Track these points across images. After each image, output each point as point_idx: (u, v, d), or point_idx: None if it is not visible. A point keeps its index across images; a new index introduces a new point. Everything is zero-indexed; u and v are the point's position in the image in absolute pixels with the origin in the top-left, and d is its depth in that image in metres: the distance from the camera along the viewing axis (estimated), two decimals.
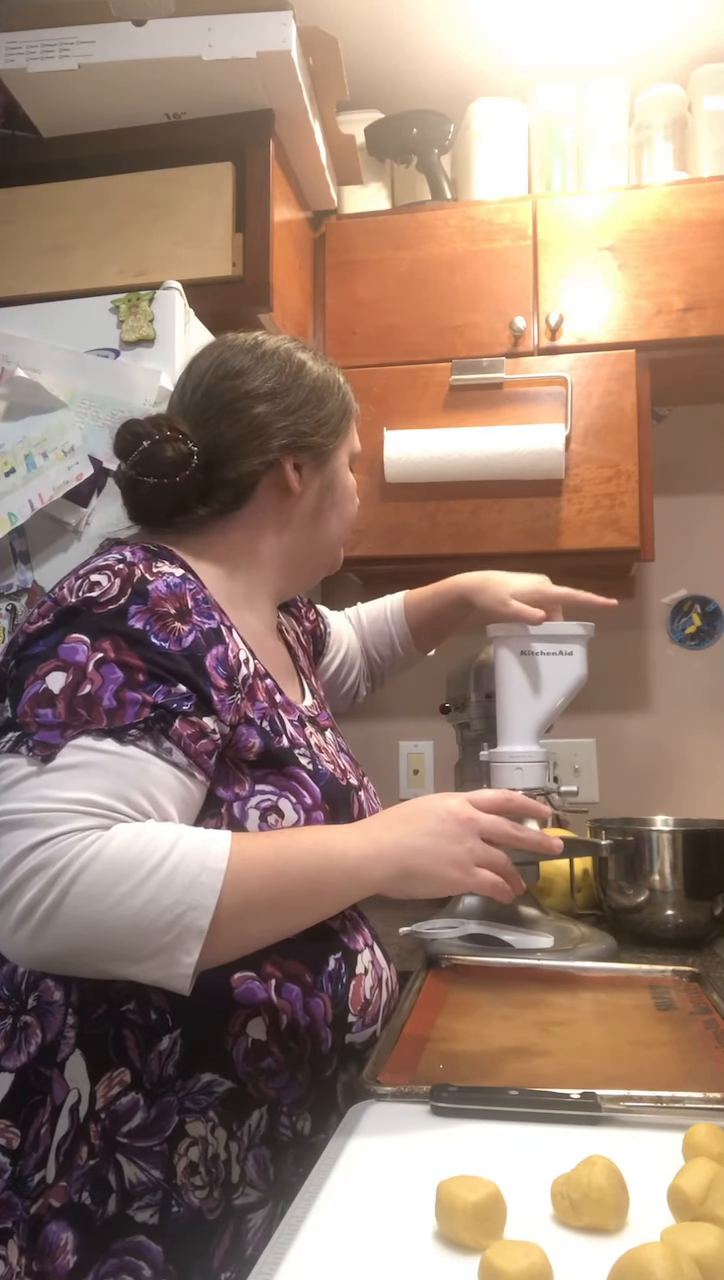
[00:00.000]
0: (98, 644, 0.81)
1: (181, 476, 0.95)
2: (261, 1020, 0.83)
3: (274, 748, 0.90)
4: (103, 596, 0.83)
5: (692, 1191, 0.57)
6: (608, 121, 1.89)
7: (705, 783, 1.98)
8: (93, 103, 1.57)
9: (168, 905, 0.73)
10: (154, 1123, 0.79)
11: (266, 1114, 0.84)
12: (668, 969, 1.13)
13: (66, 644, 0.81)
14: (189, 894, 0.73)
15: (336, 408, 1.04)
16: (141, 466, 0.96)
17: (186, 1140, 0.80)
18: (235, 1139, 0.82)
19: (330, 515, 1.06)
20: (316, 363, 1.05)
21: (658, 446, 1.82)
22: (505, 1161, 0.66)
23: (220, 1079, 0.82)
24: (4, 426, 1.44)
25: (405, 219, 1.85)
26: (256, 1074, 0.83)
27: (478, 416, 1.75)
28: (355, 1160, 0.68)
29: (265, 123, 1.59)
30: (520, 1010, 0.99)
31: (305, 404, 1.01)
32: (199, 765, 0.82)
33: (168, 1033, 0.81)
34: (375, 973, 0.94)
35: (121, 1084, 0.80)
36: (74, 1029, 0.81)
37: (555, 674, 1.28)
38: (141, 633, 0.82)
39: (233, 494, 0.99)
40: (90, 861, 0.72)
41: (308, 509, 1.03)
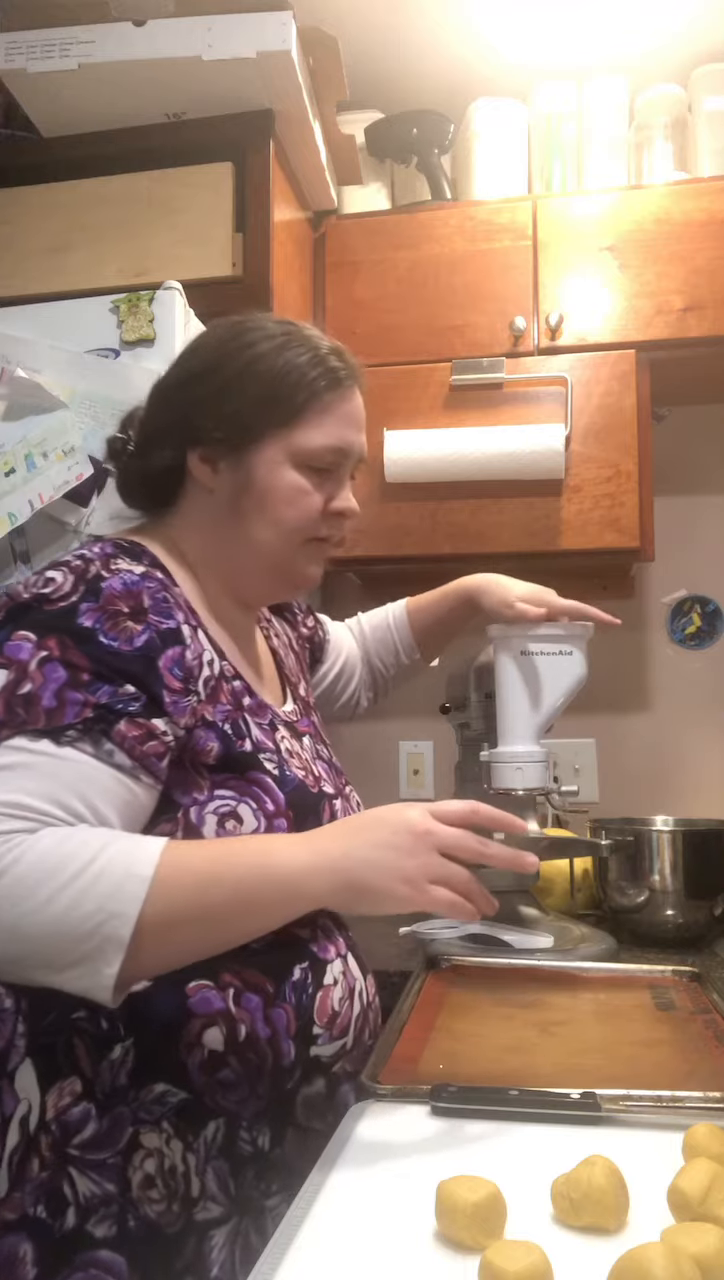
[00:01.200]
0: (43, 641, 0.78)
1: (119, 465, 1.00)
2: (219, 1030, 0.80)
3: (235, 751, 0.86)
4: (55, 593, 0.81)
5: (692, 1191, 0.57)
6: (608, 121, 1.89)
7: (705, 783, 1.98)
8: (93, 103, 1.57)
9: (89, 912, 0.69)
10: (106, 1134, 0.77)
11: (224, 1126, 0.81)
12: (668, 969, 1.13)
13: (12, 641, 0.78)
14: (111, 901, 0.69)
15: (253, 401, 0.93)
16: (109, 451, 1.02)
17: (141, 1152, 0.77)
18: (192, 1151, 0.79)
19: (252, 518, 0.95)
20: (264, 344, 0.94)
21: (658, 446, 1.82)
22: (505, 1161, 0.66)
23: (174, 1090, 0.79)
24: (4, 426, 1.44)
25: (405, 219, 1.85)
26: (213, 1085, 0.80)
27: (478, 416, 1.75)
28: (355, 1160, 0.68)
29: (265, 123, 1.58)
30: (520, 1010, 0.99)
31: (214, 396, 0.93)
32: (146, 768, 0.78)
33: (120, 1042, 0.79)
34: (346, 984, 0.89)
35: (72, 1094, 0.78)
36: (24, 1037, 0.79)
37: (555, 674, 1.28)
38: (90, 630, 0.79)
39: (158, 489, 0.98)
40: (11, 865, 0.69)
41: (226, 508, 0.95)
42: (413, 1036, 0.90)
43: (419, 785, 2.07)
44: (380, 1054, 0.85)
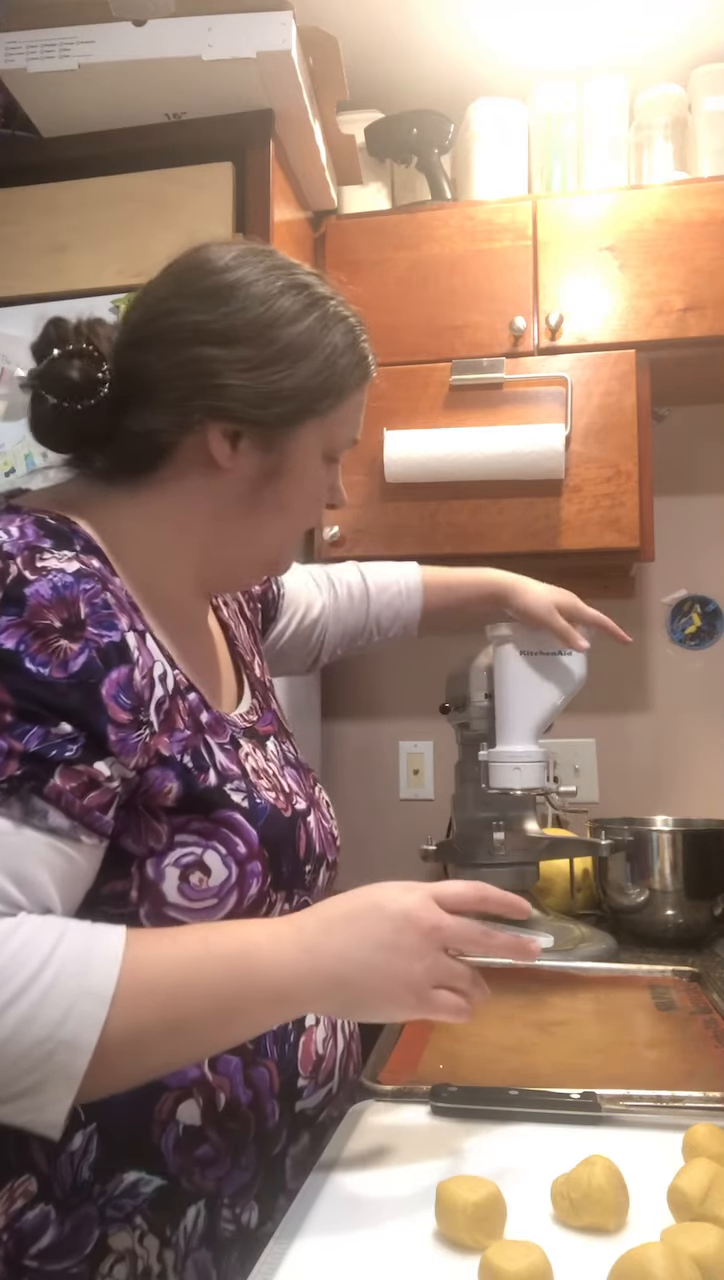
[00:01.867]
0: None
1: (85, 406, 0.75)
2: (194, 1102, 0.69)
3: (197, 789, 0.72)
4: None
5: (692, 1191, 0.57)
6: (608, 121, 1.88)
7: (705, 783, 1.98)
8: (93, 103, 1.57)
9: (35, 1042, 0.56)
10: (69, 1239, 0.65)
11: (205, 1209, 0.70)
12: (668, 969, 1.13)
13: None
14: (62, 1029, 0.56)
15: (319, 377, 0.79)
16: (44, 380, 0.76)
17: (111, 1257, 0.66)
18: (170, 1246, 0.68)
19: (272, 512, 0.82)
20: (316, 311, 0.79)
21: (658, 446, 1.82)
22: (505, 1161, 0.66)
23: (147, 1176, 0.68)
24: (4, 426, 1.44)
25: (405, 219, 1.85)
26: (191, 1165, 0.69)
27: (478, 416, 1.75)
28: (355, 1160, 0.68)
29: (265, 123, 1.58)
30: (520, 1010, 0.99)
31: (267, 364, 0.77)
32: (88, 825, 0.63)
33: (80, 1129, 0.66)
34: (327, 1021, 0.79)
35: (26, 1195, 0.66)
36: None
37: (555, 674, 1.28)
38: (12, 655, 0.62)
39: (139, 450, 0.78)
40: None
41: (238, 495, 0.80)
42: (413, 1036, 0.91)
43: (419, 785, 2.07)
44: (380, 1054, 0.85)
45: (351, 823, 0.89)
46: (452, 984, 0.68)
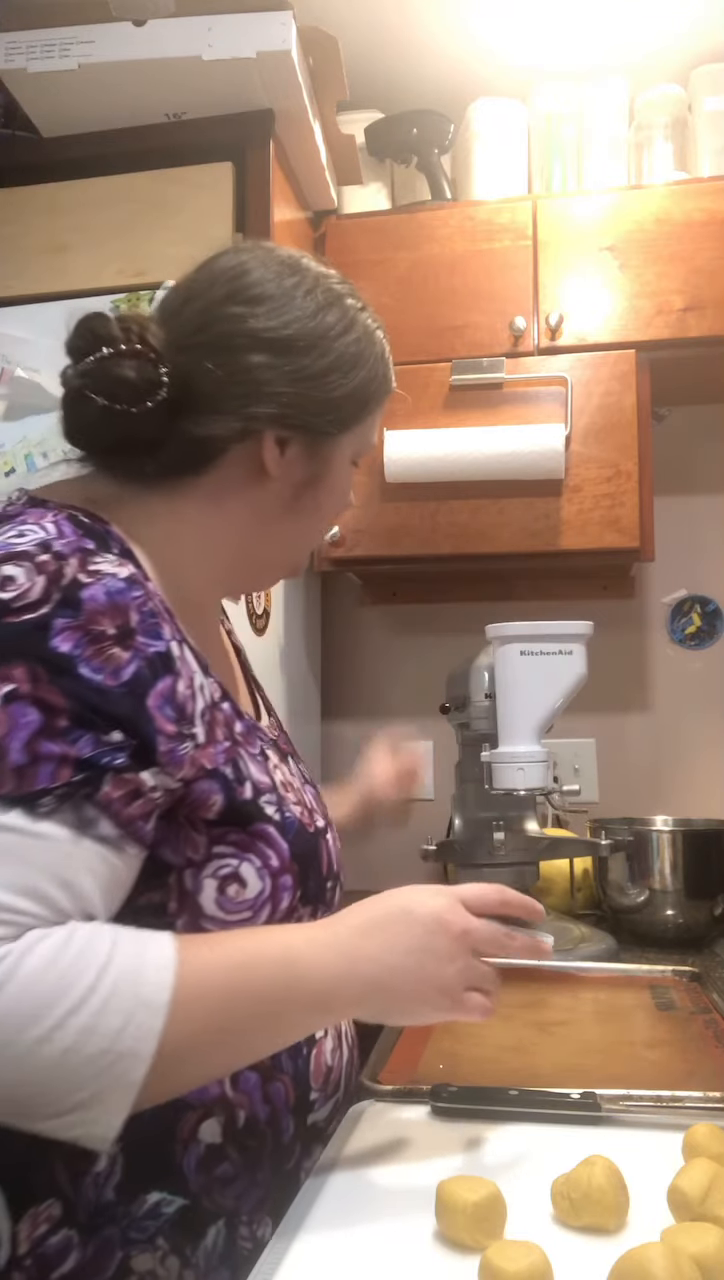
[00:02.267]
0: (8, 670, 0.60)
1: (140, 408, 0.73)
2: (216, 1120, 0.69)
3: (237, 801, 0.72)
4: (18, 601, 0.62)
5: (692, 1191, 0.57)
6: (608, 121, 1.89)
7: (705, 783, 1.98)
8: (93, 103, 1.57)
9: (94, 1054, 0.55)
10: (91, 1263, 0.65)
11: (224, 1228, 0.69)
12: (668, 969, 1.13)
13: None
14: (121, 1040, 0.56)
15: (364, 388, 0.82)
16: (92, 379, 0.73)
17: (133, 1278, 0.66)
18: (190, 1266, 0.67)
19: (310, 515, 0.84)
20: (361, 326, 0.83)
21: (658, 446, 1.82)
22: (505, 1161, 0.66)
23: (170, 1197, 0.67)
24: (4, 426, 1.44)
25: (405, 219, 1.85)
26: (211, 1184, 0.68)
27: (478, 416, 1.75)
28: (355, 1160, 0.68)
29: (265, 123, 1.58)
30: (520, 1010, 0.99)
31: (325, 374, 0.79)
32: (132, 835, 0.63)
33: (104, 1152, 0.65)
34: (334, 1030, 0.79)
35: (50, 1220, 0.64)
36: None
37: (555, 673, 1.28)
38: (69, 659, 0.61)
39: (190, 454, 0.77)
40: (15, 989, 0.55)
41: (282, 499, 0.81)
42: (413, 1036, 0.91)
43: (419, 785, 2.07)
44: (380, 1054, 0.85)
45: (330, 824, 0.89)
46: (480, 985, 0.69)
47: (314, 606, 2.06)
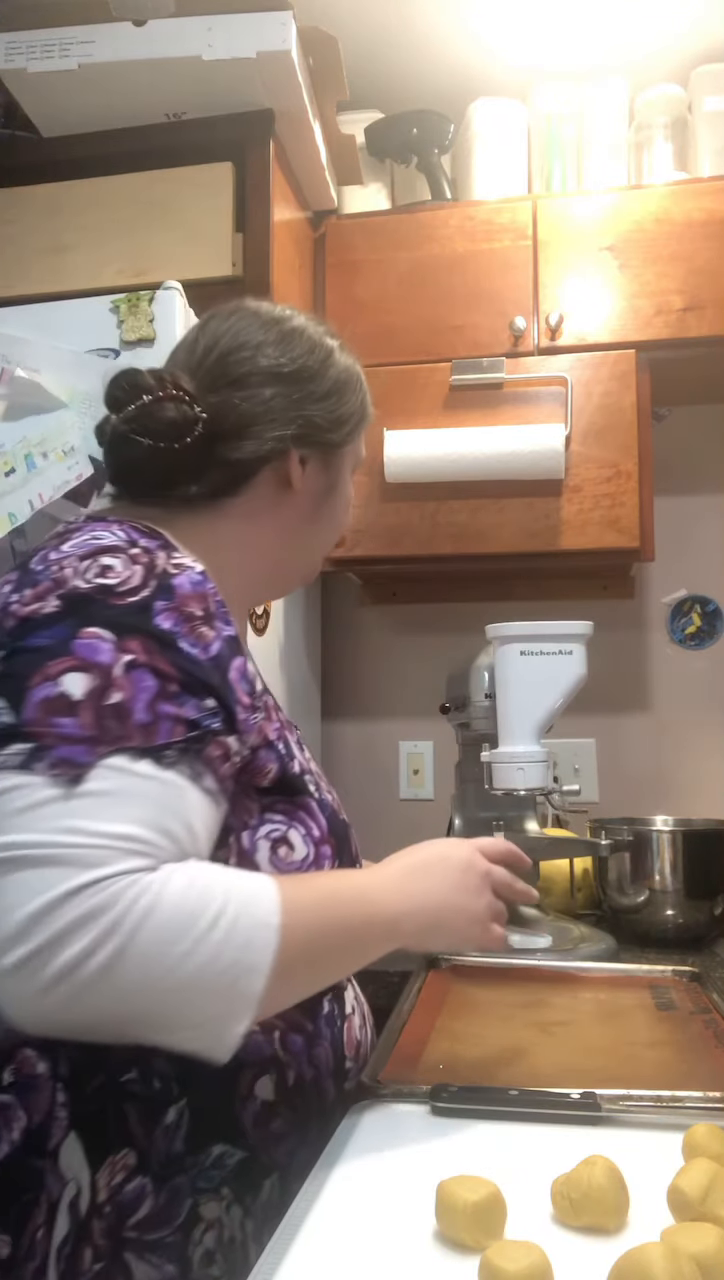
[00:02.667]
0: (124, 643, 0.68)
1: (181, 444, 0.84)
2: (270, 1078, 0.75)
3: (289, 773, 0.82)
4: (121, 585, 0.71)
5: (691, 1191, 0.57)
6: (608, 121, 1.89)
7: (705, 783, 1.98)
8: (93, 103, 1.57)
9: (225, 967, 0.62)
10: (165, 1209, 0.69)
11: (278, 1181, 0.75)
12: (668, 969, 1.13)
13: (83, 639, 0.68)
14: (246, 954, 0.63)
15: (355, 408, 0.95)
16: (138, 423, 0.84)
17: (201, 1225, 0.70)
18: (250, 1216, 0.73)
19: (326, 522, 0.96)
20: (344, 355, 0.96)
21: (658, 446, 1.82)
22: (505, 1161, 0.66)
23: (232, 1149, 0.73)
24: (4, 426, 1.44)
25: (405, 219, 1.85)
26: (267, 1139, 0.75)
27: (478, 416, 1.75)
28: (355, 1160, 0.68)
29: (265, 123, 1.58)
30: (520, 1010, 0.99)
31: (327, 396, 0.92)
32: (223, 793, 0.73)
33: (173, 1104, 0.71)
34: (360, 1009, 0.88)
35: (126, 1168, 0.69)
36: (65, 1107, 0.68)
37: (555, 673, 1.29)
38: (171, 634, 0.71)
39: (230, 477, 0.88)
40: (149, 913, 0.61)
41: (305, 510, 0.93)
42: (413, 1037, 0.91)
43: (419, 785, 2.07)
44: (380, 1054, 0.85)
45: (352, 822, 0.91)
46: (498, 919, 0.84)
47: (314, 606, 2.06)
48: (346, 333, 1.01)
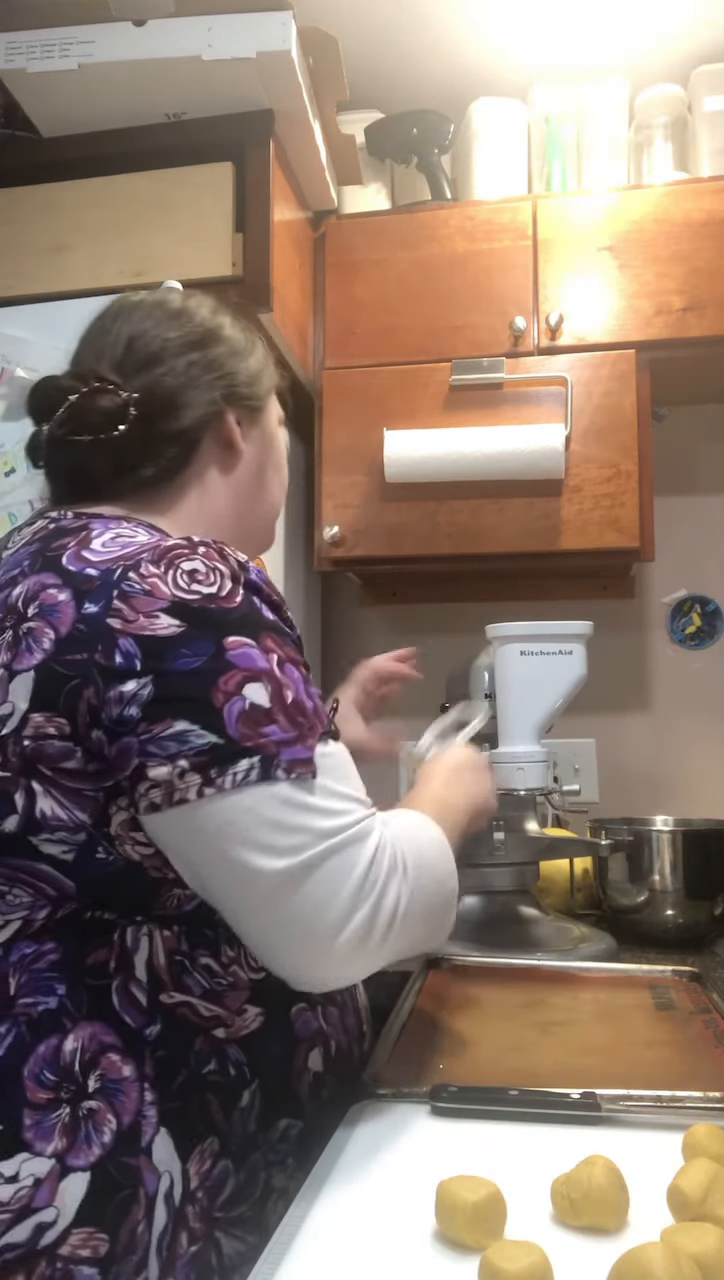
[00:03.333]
0: (261, 643, 0.73)
1: (119, 431, 0.85)
2: (319, 1050, 0.80)
3: None
4: (221, 591, 0.73)
5: (691, 1191, 0.57)
6: (608, 121, 1.88)
7: (705, 783, 1.98)
8: (93, 103, 1.57)
9: (444, 876, 0.80)
10: (245, 1186, 0.73)
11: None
12: (668, 969, 1.13)
13: (233, 650, 0.71)
14: (447, 861, 0.81)
15: (263, 364, 0.98)
16: (72, 423, 0.85)
17: (274, 1195, 0.74)
18: None
19: (272, 478, 1.00)
20: (234, 323, 0.98)
21: (658, 446, 1.82)
22: (505, 1161, 0.66)
23: (294, 1122, 0.77)
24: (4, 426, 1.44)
25: (405, 219, 1.85)
26: (320, 1107, 0.78)
27: (478, 416, 1.75)
28: (355, 1160, 0.68)
29: (265, 123, 1.58)
30: (520, 1010, 0.99)
31: (234, 355, 0.95)
32: None
33: (246, 1087, 0.74)
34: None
35: (212, 1155, 0.71)
36: (154, 1105, 0.70)
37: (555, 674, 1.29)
38: (278, 624, 0.76)
39: (177, 450, 0.89)
40: (409, 853, 0.75)
41: (252, 468, 0.96)
42: (413, 1036, 0.91)
43: None
44: (380, 1054, 0.85)
45: None
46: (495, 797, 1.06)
47: (314, 606, 2.06)
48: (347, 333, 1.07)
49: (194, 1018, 0.73)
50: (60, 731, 0.70)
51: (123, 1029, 0.70)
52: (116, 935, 0.72)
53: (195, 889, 0.72)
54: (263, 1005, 0.76)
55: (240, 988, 0.75)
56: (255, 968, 0.75)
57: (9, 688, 0.71)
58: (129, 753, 0.69)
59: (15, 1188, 0.65)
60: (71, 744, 0.70)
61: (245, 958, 0.75)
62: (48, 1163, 0.66)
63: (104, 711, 0.69)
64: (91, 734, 0.70)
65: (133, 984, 0.71)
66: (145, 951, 0.72)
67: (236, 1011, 0.74)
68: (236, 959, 0.75)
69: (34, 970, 0.71)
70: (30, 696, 0.71)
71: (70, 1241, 0.64)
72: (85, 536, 0.77)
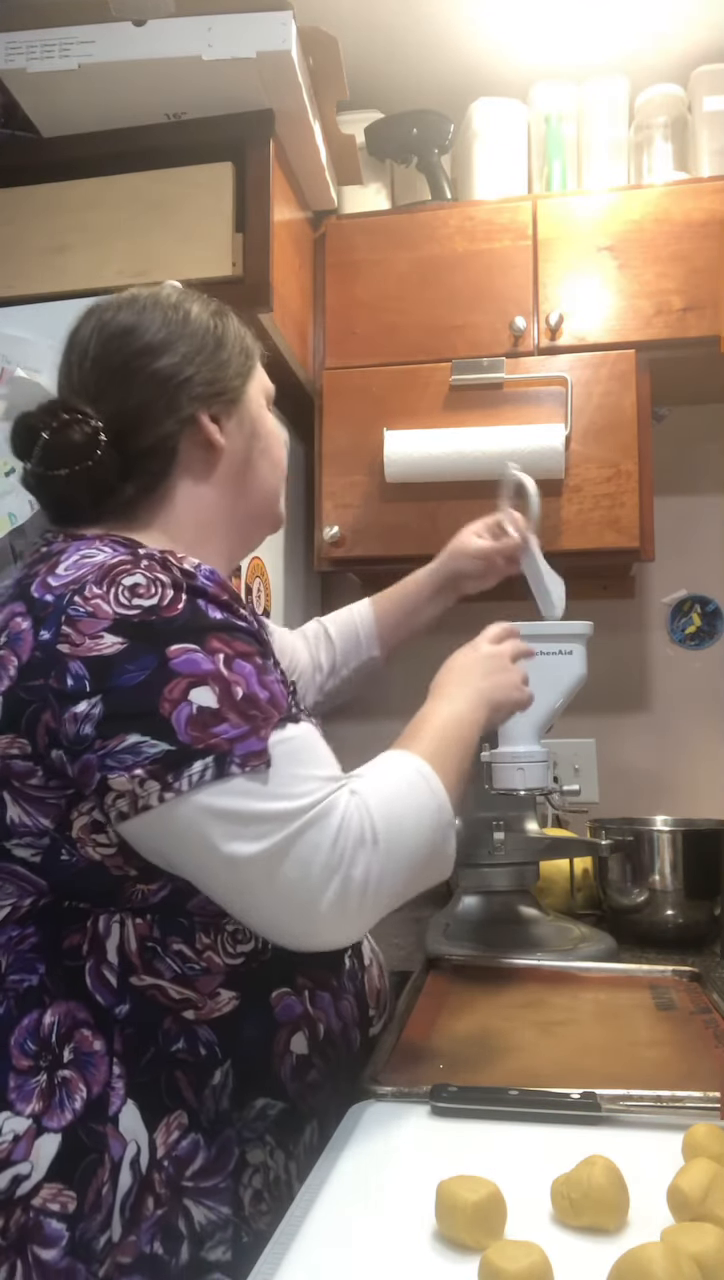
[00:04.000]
0: (206, 646, 0.75)
1: (93, 459, 0.87)
2: (302, 1034, 0.82)
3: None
4: (161, 602, 0.76)
5: (691, 1191, 0.57)
6: (608, 121, 1.88)
7: (705, 783, 1.98)
8: (93, 103, 1.57)
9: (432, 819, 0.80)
10: (216, 1160, 0.76)
11: (317, 1127, 0.82)
12: (668, 969, 1.13)
13: (176, 658, 0.74)
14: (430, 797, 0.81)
15: (236, 348, 0.97)
16: (47, 460, 0.87)
17: (249, 1170, 0.77)
18: (293, 1158, 0.80)
19: (260, 462, 0.99)
20: (202, 306, 0.97)
21: (658, 446, 1.82)
22: (505, 1161, 0.66)
23: (273, 1102, 0.80)
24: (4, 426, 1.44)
25: (405, 219, 1.85)
26: (304, 1090, 0.81)
27: (478, 416, 1.75)
28: (355, 1160, 0.68)
29: (265, 123, 1.58)
30: (521, 1010, 0.99)
31: (203, 348, 0.94)
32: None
33: (219, 1066, 0.78)
34: (377, 960, 0.95)
35: (180, 1127, 0.76)
36: (121, 1079, 0.75)
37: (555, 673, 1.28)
38: (228, 622, 0.78)
39: (156, 462, 0.91)
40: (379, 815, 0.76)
41: (236, 461, 0.96)
42: (413, 1036, 0.91)
43: None
44: (380, 1054, 0.85)
45: None
46: (525, 681, 1.04)
47: (314, 606, 2.05)
48: (347, 333, 1.07)
49: (163, 999, 0.77)
50: (22, 752, 0.75)
51: (94, 1007, 0.76)
52: (90, 922, 0.78)
53: (190, 880, 0.76)
54: (238, 989, 0.79)
55: (215, 972, 0.79)
56: (232, 954, 0.80)
57: None
58: (90, 768, 0.73)
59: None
60: (33, 764, 0.75)
61: (222, 944, 0.80)
62: (26, 1121, 0.73)
63: (61, 732, 0.74)
64: (51, 754, 0.75)
65: (104, 966, 0.77)
66: (116, 937, 0.77)
67: (209, 995, 0.78)
68: (212, 945, 0.79)
69: (19, 951, 0.78)
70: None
71: (41, 1194, 0.71)
72: (55, 562, 0.81)
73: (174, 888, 0.78)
